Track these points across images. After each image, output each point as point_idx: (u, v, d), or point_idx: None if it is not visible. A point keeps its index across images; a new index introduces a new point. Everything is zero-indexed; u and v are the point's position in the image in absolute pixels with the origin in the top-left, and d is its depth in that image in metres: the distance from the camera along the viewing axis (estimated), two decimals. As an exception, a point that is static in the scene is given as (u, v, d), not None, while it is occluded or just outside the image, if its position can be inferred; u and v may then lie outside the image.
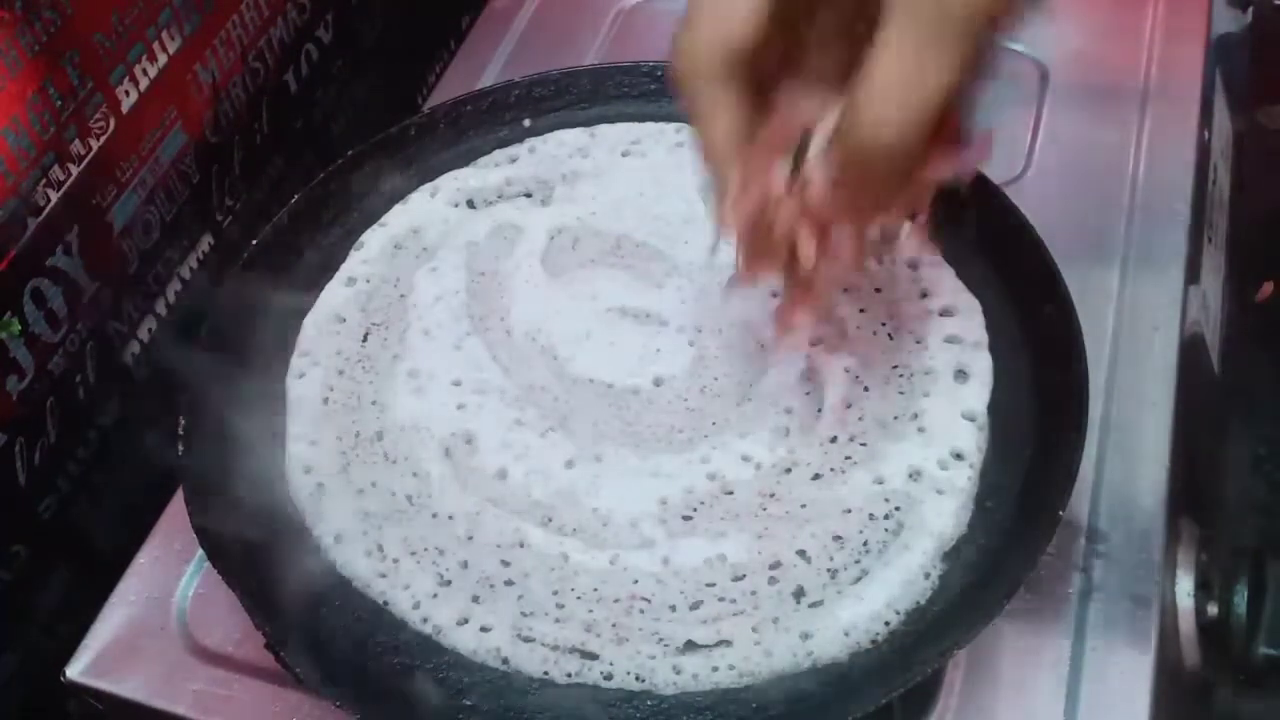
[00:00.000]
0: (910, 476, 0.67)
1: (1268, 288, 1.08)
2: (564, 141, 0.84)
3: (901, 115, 0.45)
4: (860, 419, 0.70)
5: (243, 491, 0.70)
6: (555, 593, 0.65)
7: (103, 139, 0.73)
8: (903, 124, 0.46)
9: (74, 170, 0.72)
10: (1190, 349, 0.78)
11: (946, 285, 0.74)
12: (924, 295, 0.74)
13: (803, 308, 0.56)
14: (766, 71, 0.49)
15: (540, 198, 0.81)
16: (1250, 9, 0.99)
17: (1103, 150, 0.87)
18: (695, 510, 0.67)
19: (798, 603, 0.64)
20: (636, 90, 0.86)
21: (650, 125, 0.84)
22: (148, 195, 0.78)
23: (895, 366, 0.72)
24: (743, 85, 0.49)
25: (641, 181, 0.81)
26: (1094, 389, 0.67)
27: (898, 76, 0.44)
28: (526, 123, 0.86)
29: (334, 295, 0.78)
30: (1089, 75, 0.92)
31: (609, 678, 0.62)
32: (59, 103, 0.69)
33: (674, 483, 0.68)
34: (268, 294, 0.78)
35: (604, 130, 0.84)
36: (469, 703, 0.62)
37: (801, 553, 0.65)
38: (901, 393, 0.71)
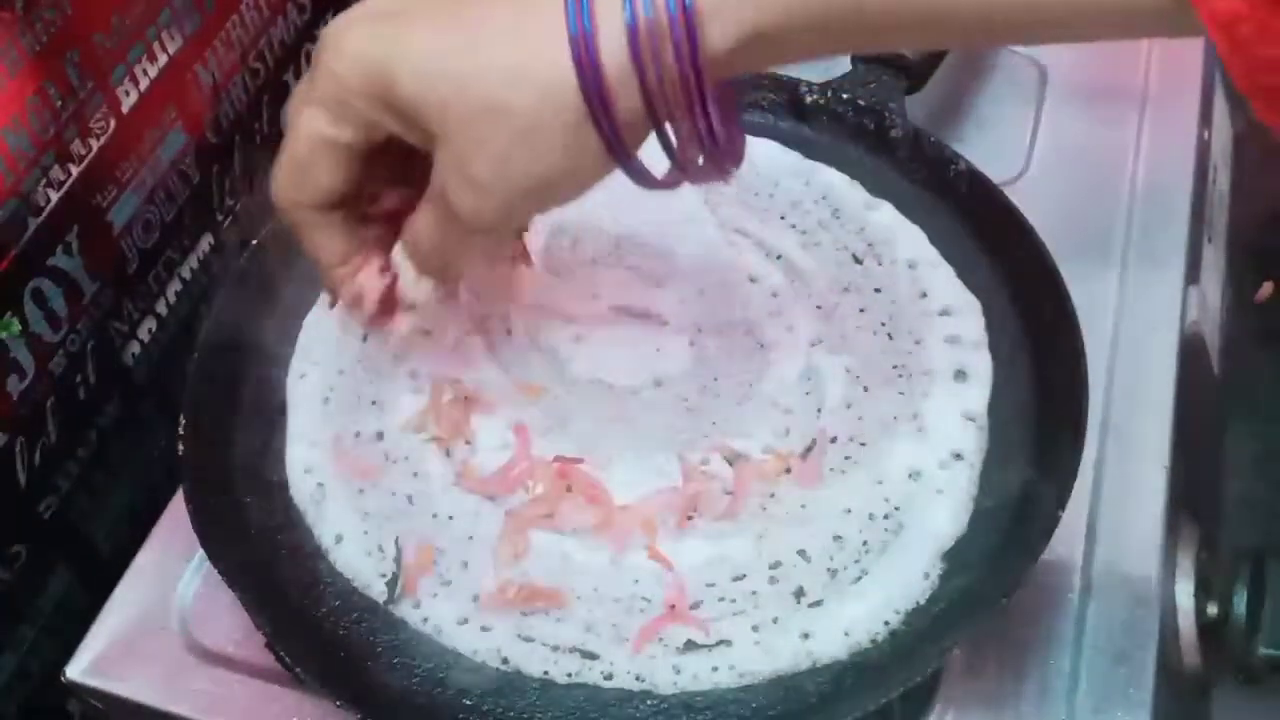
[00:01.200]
0: (910, 476, 0.67)
1: (1268, 288, 1.08)
2: (564, 141, 0.84)
3: (426, 264, 0.62)
4: (860, 419, 0.70)
5: (243, 491, 0.70)
6: (555, 593, 0.65)
7: (103, 139, 0.73)
8: (432, 267, 0.62)
9: (74, 170, 0.72)
10: (1190, 349, 0.78)
11: (946, 285, 0.74)
12: (924, 295, 0.74)
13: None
14: (351, 199, 0.61)
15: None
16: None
17: (1103, 150, 0.87)
18: (695, 510, 0.67)
19: (798, 603, 0.64)
20: (636, 90, 0.86)
21: (650, 125, 0.84)
22: (148, 195, 0.78)
23: (895, 366, 0.72)
24: (331, 219, 0.61)
25: (641, 181, 0.81)
26: (1094, 389, 0.67)
27: (414, 230, 0.60)
28: (526, 123, 0.85)
29: (334, 295, 0.78)
30: (1089, 75, 0.92)
31: (609, 678, 0.62)
32: (59, 103, 0.69)
33: (674, 483, 0.68)
34: (268, 294, 0.78)
35: (604, 130, 0.84)
36: (469, 703, 0.62)
37: (801, 553, 0.65)
38: (901, 393, 0.71)
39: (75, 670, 0.70)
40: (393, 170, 0.61)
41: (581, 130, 0.52)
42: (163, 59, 0.77)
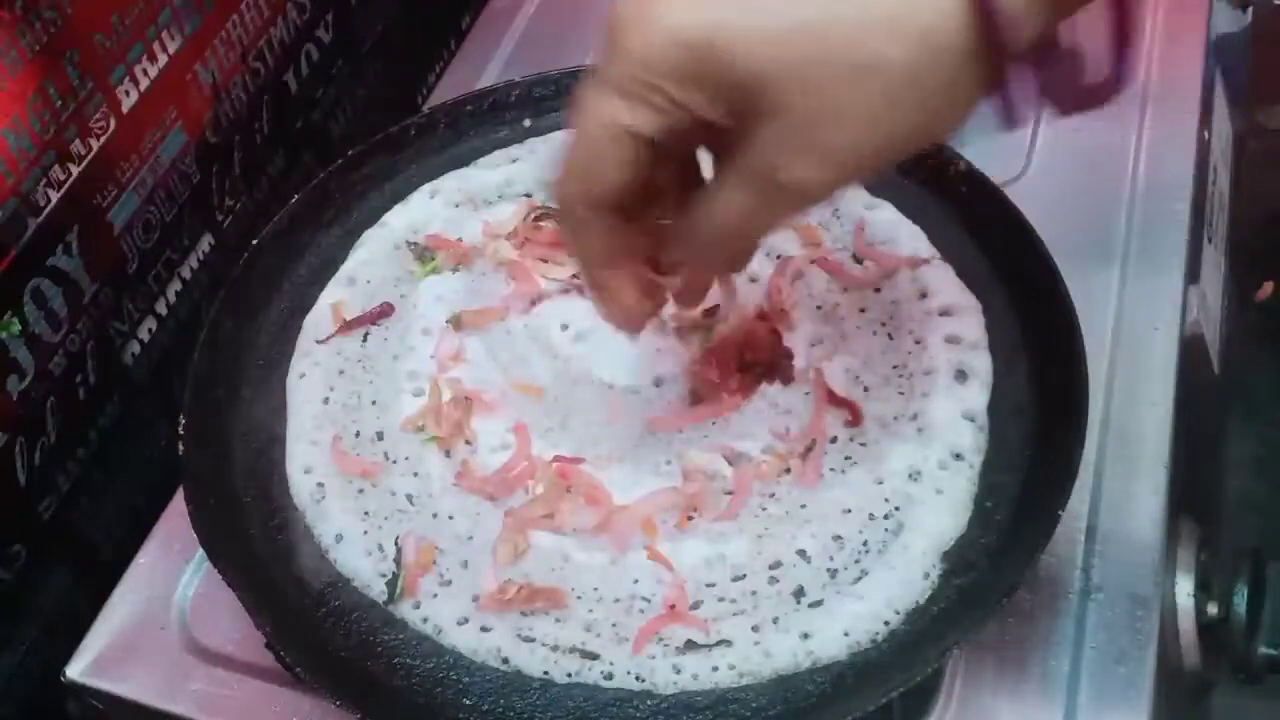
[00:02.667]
0: (910, 476, 0.67)
1: (1268, 288, 1.08)
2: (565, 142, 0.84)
3: (703, 247, 0.56)
4: (860, 419, 0.70)
5: (243, 491, 0.70)
6: (555, 593, 0.65)
7: (103, 139, 0.73)
8: (706, 251, 0.57)
9: (74, 170, 0.72)
10: (1190, 349, 0.78)
11: (946, 285, 0.74)
12: (924, 295, 0.74)
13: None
14: (627, 201, 0.55)
15: (540, 198, 0.81)
16: (1250, 9, 0.99)
17: (1103, 150, 0.87)
18: (695, 510, 0.67)
19: (798, 602, 0.64)
20: (636, 90, 0.86)
21: (650, 125, 0.84)
22: (148, 195, 0.78)
23: (895, 366, 0.72)
24: (606, 218, 0.55)
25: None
26: (1094, 389, 0.67)
27: (714, 221, 0.54)
28: (527, 123, 0.86)
29: (334, 295, 0.78)
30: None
31: (609, 678, 0.62)
32: (59, 103, 0.69)
33: (674, 483, 0.68)
34: (268, 294, 0.78)
35: (604, 130, 0.84)
36: (469, 702, 0.62)
37: (801, 553, 0.65)
38: (901, 393, 0.71)
39: (75, 670, 0.70)
40: (674, 174, 0.56)
41: (963, 72, 0.47)
42: (163, 59, 0.77)
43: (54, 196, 0.70)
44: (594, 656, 0.63)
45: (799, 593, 0.64)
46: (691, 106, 0.50)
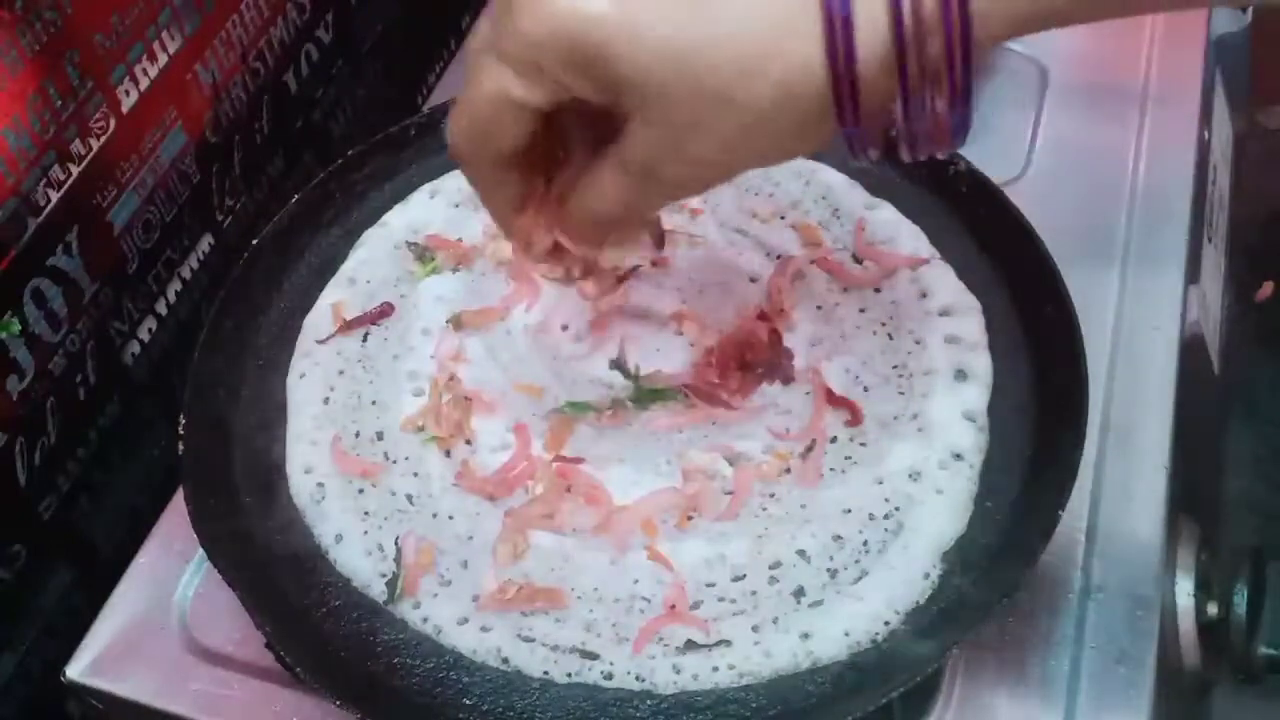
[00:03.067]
0: (910, 476, 0.67)
1: (1268, 288, 1.08)
2: (564, 141, 0.84)
3: (587, 227, 0.60)
4: (860, 419, 0.70)
5: (243, 492, 0.70)
6: (555, 593, 0.65)
7: (103, 139, 0.73)
8: (589, 230, 0.61)
9: (74, 170, 0.72)
10: (1190, 349, 0.78)
11: (946, 285, 0.74)
12: (924, 295, 0.74)
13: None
14: (527, 154, 0.57)
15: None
16: (1250, 9, 0.99)
17: (1103, 150, 0.87)
18: (695, 510, 0.67)
19: (798, 602, 0.64)
20: (636, 90, 0.86)
21: (650, 125, 0.84)
22: (148, 195, 0.78)
23: (895, 366, 0.72)
24: (509, 171, 0.58)
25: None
26: (1094, 389, 0.67)
27: (592, 203, 0.57)
28: (526, 123, 0.85)
29: (334, 295, 0.78)
30: (1089, 75, 0.92)
31: (609, 678, 0.62)
32: (59, 103, 0.69)
33: (674, 483, 0.68)
34: (268, 294, 0.78)
35: (604, 130, 0.84)
36: (469, 703, 0.62)
37: (801, 553, 0.65)
38: (901, 393, 0.71)
39: (75, 670, 0.70)
40: (571, 128, 0.59)
41: (818, 123, 0.50)
42: (163, 59, 0.77)
43: (54, 196, 0.70)
44: (594, 656, 0.63)
45: (799, 593, 0.64)
46: (575, 90, 0.52)
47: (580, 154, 0.59)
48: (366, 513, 0.69)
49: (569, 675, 0.62)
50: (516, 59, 0.52)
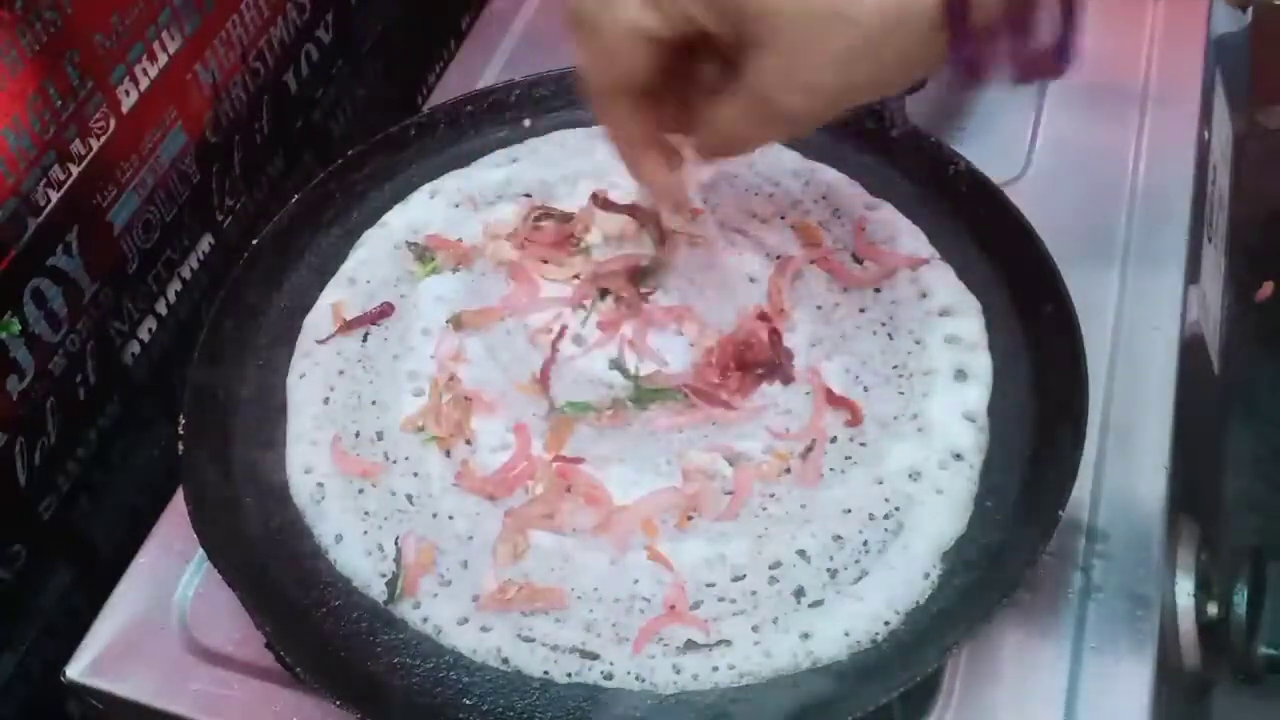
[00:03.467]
0: (910, 476, 0.67)
1: (1268, 288, 1.08)
2: (564, 142, 0.84)
3: (716, 151, 0.64)
4: (860, 419, 0.70)
5: (243, 491, 0.70)
6: (555, 593, 0.65)
7: (103, 139, 0.73)
8: (719, 154, 0.65)
9: (74, 170, 0.72)
10: (1190, 349, 0.78)
11: (946, 285, 0.74)
12: (924, 295, 0.74)
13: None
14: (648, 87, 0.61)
15: (540, 198, 0.81)
16: (1250, 9, 0.99)
17: (1103, 150, 0.87)
18: (695, 510, 0.67)
19: (798, 602, 0.64)
20: (636, 90, 0.86)
21: (650, 125, 0.84)
22: (148, 195, 0.78)
23: (895, 366, 0.72)
24: (630, 101, 0.61)
25: (641, 181, 0.81)
26: (1094, 389, 0.67)
27: (717, 129, 0.61)
28: (527, 123, 0.86)
29: (334, 295, 0.78)
30: (1089, 75, 0.91)
31: (609, 678, 0.62)
32: (59, 103, 0.69)
33: (674, 483, 0.68)
34: (268, 294, 0.78)
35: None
36: (469, 703, 0.62)
37: (801, 553, 0.65)
38: (901, 393, 0.71)
39: (75, 670, 0.70)
40: (700, 69, 0.61)
41: (930, 37, 0.52)
42: (162, 59, 0.77)
43: (54, 196, 0.70)
44: (594, 656, 0.63)
45: (799, 593, 0.64)
46: (699, 20, 0.56)
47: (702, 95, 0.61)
48: (366, 513, 0.69)
49: (569, 675, 0.62)
50: None
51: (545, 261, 0.77)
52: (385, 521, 0.68)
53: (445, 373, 0.73)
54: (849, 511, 0.66)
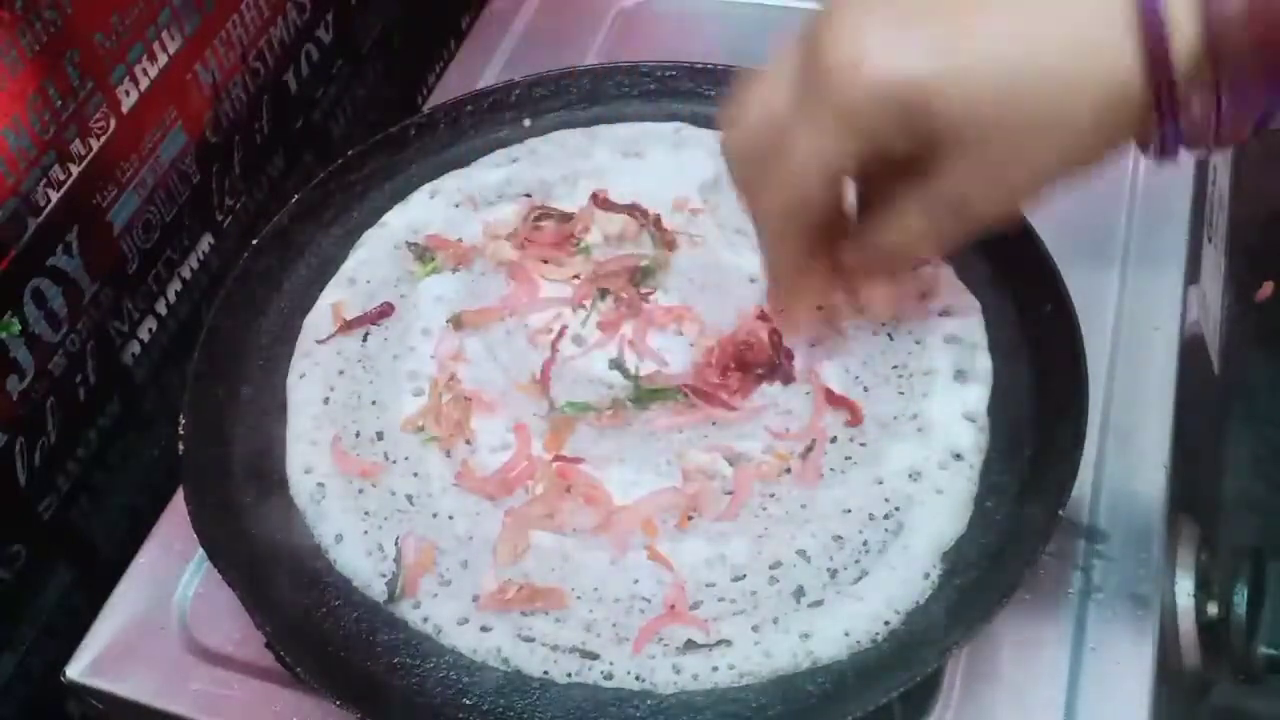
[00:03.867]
0: (910, 476, 0.67)
1: (1268, 288, 1.08)
2: (564, 142, 0.84)
3: (883, 263, 0.64)
4: (860, 419, 0.70)
5: (243, 491, 0.70)
6: (555, 593, 0.65)
7: (103, 139, 0.73)
8: (885, 266, 0.65)
9: (74, 170, 0.72)
10: (1190, 349, 0.78)
11: (946, 285, 0.74)
12: (924, 295, 0.74)
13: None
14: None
15: (540, 198, 0.81)
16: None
17: (1102, 150, 0.87)
18: (695, 510, 0.67)
19: (798, 602, 0.64)
20: (636, 90, 0.86)
21: (650, 125, 0.84)
22: (148, 195, 0.78)
23: (895, 366, 0.72)
24: (806, 236, 0.60)
25: (642, 181, 0.81)
26: (1094, 389, 0.67)
27: (893, 238, 0.59)
28: (527, 123, 0.86)
29: (334, 295, 0.78)
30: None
31: (609, 678, 0.62)
32: (59, 103, 0.69)
33: (674, 483, 0.68)
34: (268, 294, 0.78)
35: (604, 130, 0.84)
36: (469, 703, 0.62)
37: (801, 553, 0.65)
38: (901, 393, 0.71)
39: (75, 670, 0.70)
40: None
41: (1128, 133, 0.52)
42: (162, 59, 0.77)
43: (54, 196, 0.70)
44: (594, 656, 0.63)
45: (799, 593, 0.64)
46: (891, 147, 0.53)
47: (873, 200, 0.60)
48: (366, 513, 0.69)
49: (569, 675, 0.62)
50: (836, 127, 0.53)
51: (545, 261, 0.77)
52: (385, 521, 0.68)
53: (445, 373, 0.73)
54: (849, 511, 0.66)
